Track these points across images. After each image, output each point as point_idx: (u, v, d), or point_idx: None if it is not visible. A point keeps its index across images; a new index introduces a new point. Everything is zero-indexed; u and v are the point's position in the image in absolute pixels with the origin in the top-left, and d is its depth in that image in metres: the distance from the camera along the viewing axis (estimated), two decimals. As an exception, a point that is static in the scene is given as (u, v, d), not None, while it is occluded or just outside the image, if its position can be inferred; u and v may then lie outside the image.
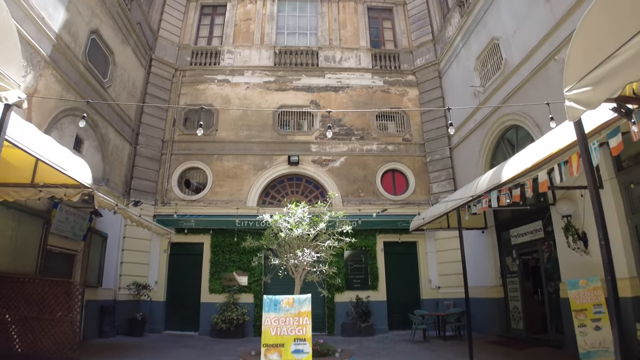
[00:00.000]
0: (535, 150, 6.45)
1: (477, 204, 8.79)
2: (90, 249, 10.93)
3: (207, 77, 15.50)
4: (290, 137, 15.07)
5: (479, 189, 8.45)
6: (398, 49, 16.21)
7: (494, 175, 7.97)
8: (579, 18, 7.39)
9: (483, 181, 8.43)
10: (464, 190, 9.43)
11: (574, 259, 8.32)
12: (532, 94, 9.88)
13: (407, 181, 14.63)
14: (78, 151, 10.74)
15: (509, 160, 7.48)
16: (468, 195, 8.87)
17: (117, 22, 12.23)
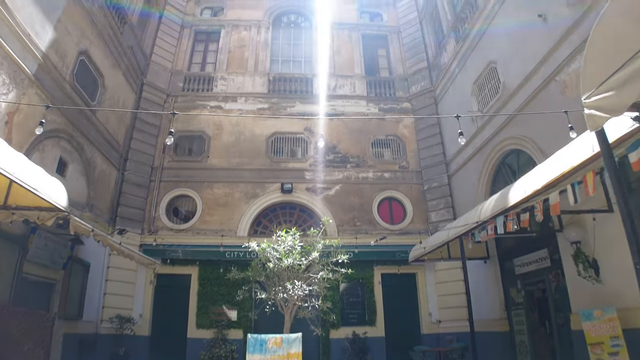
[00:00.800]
0: (544, 170, 6.05)
1: (481, 231, 8.28)
2: (71, 278, 10.28)
3: (199, 103, 15.21)
4: (284, 165, 14.65)
5: (484, 215, 7.97)
6: (393, 76, 16.12)
7: (499, 200, 7.52)
8: (579, 37, 7.10)
9: (487, 206, 7.97)
10: (466, 217, 8.94)
11: (584, 288, 7.73)
12: (533, 117, 9.59)
13: (405, 210, 14.14)
14: (61, 175, 10.23)
15: (516, 183, 7.06)
16: (472, 221, 8.39)
17: (108, 44, 11.98)
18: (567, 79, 8.50)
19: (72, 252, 10.21)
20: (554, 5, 8.71)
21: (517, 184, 6.99)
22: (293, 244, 8.84)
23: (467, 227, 8.55)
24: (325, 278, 8.97)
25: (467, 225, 8.55)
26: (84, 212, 10.82)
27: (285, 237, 9.01)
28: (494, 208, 7.54)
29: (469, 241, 9.04)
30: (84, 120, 10.94)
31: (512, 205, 6.87)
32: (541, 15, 9.00)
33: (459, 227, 8.97)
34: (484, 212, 7.98)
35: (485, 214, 7.88)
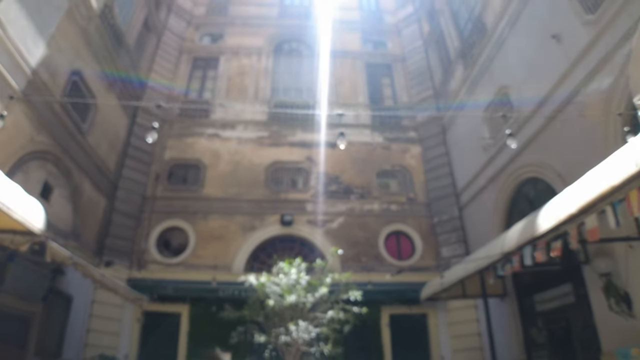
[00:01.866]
0: (577, 192, 5.33)
1: (505, 264, 7.41)
2: (51, 312, 9.42)
3: (196, 131, 14.62)
4: (284, 196, 13.88)
5: (508, 246, 7.13)
6: (398, 105, 15.65)
7: (526, 228, 6.72)
8: (597, 55, 6.49)
9: (512, 236, 7.15)
10: (488, 248, 8.09)
11: (617, 324, 6.91)
12: (551, 141, 8.99)
13: (413, 244, 13.22)
14: (46, 199, 9.46)
15: (543, 208, 6.30)
16: (494, 253, 7.54)
17: (103, 66, 11.50)
18: (587, 99, 7.93)
19: (52, 283, 9.35)
20: (568, 25, 8.29)
21: (545, 209, 6.23)
22: (297, 277, 7.92)
23: (488, 259, 7.70)
24: (335, 319, 7.94)
25: (489, 258, 7.69)
26: (68, 241, 9.96)
27: (288, 268, 8.07)
28: (521, 237, 6.74)
29: (491, 276, 8.16)
30: (73, 143, 10.28)
31: (541, 233, 6.08)
32: (555, 36, 8.57)
33: (480, 260, 8.10)
34: (509, 243, 7.16)
35: (510, 245, 7.06)
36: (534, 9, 9.35)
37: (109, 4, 11.44)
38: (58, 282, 9.63)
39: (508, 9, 10.11)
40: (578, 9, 7.90)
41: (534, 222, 6.41)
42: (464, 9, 12.93)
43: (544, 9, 9.01)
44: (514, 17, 9.96)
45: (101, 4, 11.04)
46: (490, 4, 11.06)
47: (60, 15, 9.32)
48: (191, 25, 17.13)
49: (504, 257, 7.18)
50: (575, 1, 7.96)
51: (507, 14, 10.20)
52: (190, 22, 17.12)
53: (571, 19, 8.11)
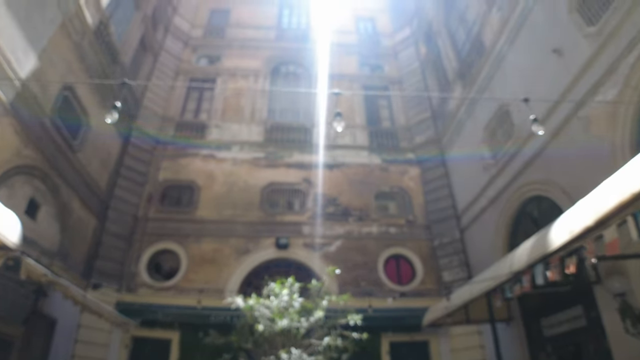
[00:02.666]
0: (592, 204, 5.00)
1: (514, 285, 6.98)
2: (33, 335, 8.83)
3: (190, 151, 14.31)
4: (280, 218, 13.46)
5: (518, 265, 6.73)
6: (395, 127, 15.49)
7: (536, 245, 6.34)
8: (601, 68, 6.26)
9: (521, 254, 6.76)
10: (494, 269, 7.67)
11: (634, 348, 6.46)
12: (555, 158, 8.74)
13: (414, 269, 12.73)
14: (31, 217, 9.04)
15: (555, 223, 5.95)
16: (502, 273, 7.11)
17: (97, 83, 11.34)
18: (592, 113, 7.73)
19: (35, 304, 8.79)
20: (568, 38, 8.19)
21: (557, 224, 5.88)
22: (290, 299, 7.38)
23: (497, 280, 7.26)
24: (332, 346, 7.36)
25: (496, 278, 7.26)
26: (54, 261, 9.47)
27: (279, 289, 7.52)
28: (531, 255, 6.35)
29: (499, 298, 7.70)
30: (62, 159, 9.92)
31: (554, 249, 5.71)
32: (556, 51, 8.47)
33: (486, 282, 7.66)
34: (518, 262, 6.76)
35: (520, 263, 6.65)
36: (533, 25, 9.29)
37: (105, 20, 11.35)
38: (41, 303, 9.05)
39: (507, 26, 10.08)
40: (579, 21, 7.82)
41: (545, 239, 6.05)
42: (461, 30, 12.98)
43: (543, 23, 8.96)
44: (513, 33, 9.91)
45: (96, 20, 10.96)
46: (488, 22, 11.07)
47: (53, 28, 9.17)
48: (188, 46, 17.15)
49: (513, 276, 6.75)
50: (575, 14, 7.89)
51: (505, 31, 10.17)
52: (187, 44, 17.15)
53: (572, 32, 8.02)
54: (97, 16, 11.04)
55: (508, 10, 10.01)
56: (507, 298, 7.36)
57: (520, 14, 9.58)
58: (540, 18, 9.03)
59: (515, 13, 9.71)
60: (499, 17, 10.44)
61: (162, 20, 16.10)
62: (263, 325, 7.27)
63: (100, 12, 11.18)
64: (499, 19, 10.44)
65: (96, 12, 10.95)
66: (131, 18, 13.56)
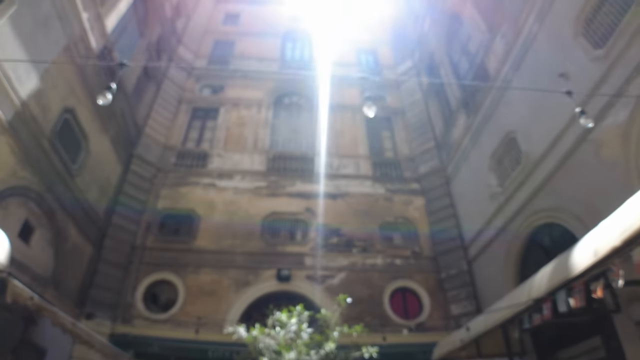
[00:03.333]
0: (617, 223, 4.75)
1: (533, 314, 6.55)
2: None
3: (191, 180, 14.07)
4: (281, 248, 13.04)
5: (537, 292, 6.34)
6: (399, 157, 15.35)
7: (557, 269, 6.00)
8: (610, 89, 6.07)
9: (541, 280, 6.39)
10: (510, 297, 7.26)
11: None
12: (566, 183, 8.51)
13: (421, 302, 12.19)
14: (24, 241, 8.71)
15: (577, 246, 5.66)
16: (520, 301, 6.70)
17: (98, 108, 11.18)
18: (602, 136, 7.58)
19: (24, 333, 8.30)
20: (575, 62, 8.17)
21: (579, 247, 5.59)
22: (298, 329, 6.88)
23: (514, 309, 6.83)
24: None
25: (514, 307, 6.83)
26: (46, 289, 9.03)
27: (287, 318, 7.02)
28: (552, 280, 5.99)
29: (516, 329, 7.23)
30: (60, 183, 9.68)
31: (578, 274, 5.38)
32: (563, 75, 8.43)
33: (502, 312, 7.22)
34: (537, 288, 6.37)
35: (539, 290, 6.27)
36: (538, 50, 9.32)
37: (109, 46, 11.41)
38: (30, 332, 8.53)
39: (511, 53, 10.13)
40: (585, 45, 7.82)
41: (567, 262, 5.72)
42: (464, 59, 13.11)
43: (548, 49, 8.97)
44: (518, 60, 9.94)
45: (101, 45, 11.01)
46: (492, 50, 11.15)
47: (57, 50, 9.17)
48: (192, 76, 17.32)
49: (532, 304, 6.34)
50: (581, 38, 7.91)
51: (510, 58, 10.21)
52: (190, 74, 17.32)
53: (578, 56, 8.01)
54: (102, 41, 11.10)
55: (512, 37, 10.10)
56: (525, 329, 6.92)
57: (524, 40, 9.64)
58: (544, 44, 9.07)
59: (520, 40, 9.78)
60: (503, 44, 10.52)
61: (166, 49, 16.33)
62: (268, 359, 6.75)
63: (105, 38, 11.25)
64: (503, 46, 10.52)
65: (101, 38, 11.02)
66: (135, 45, 13.74)
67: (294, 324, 7.00)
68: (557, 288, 5.80)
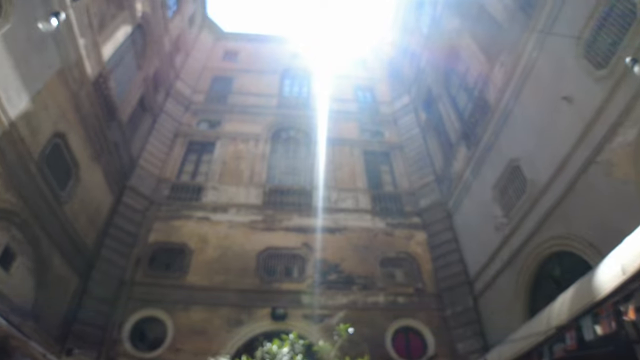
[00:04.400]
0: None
1: (554, 345, 5.96)
2: None
3: (184, 214, 13.59)
4: (277, 285, 12.36)
5: (557, 319, 5.81)
6: (399, 191, 15.03)
7: (579, 293, 5.52)
8: (617, 109, 5.88)
9: (561, 307, 5.87)
10: (526, 328, 6.68)
11: None
12: (576, 209, 8.16)
13: (425, 342, 11.40)
14: (4, 268, 8.15)
15: (603, 263, 5.23)
16: (539, 331, 6.12)
17: (91, 135, 10.93)
18: (613, 156, 7.33)
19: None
20: (578, 84, 8.07)
21: (603, 267, 5.18)
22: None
23: (531, 340, 6.23)
24: None
25: (531, 338, 6.23)
26: (25, 321, 8.33)
27: (278, 347, 6.33)
28: (575, 306, 5.47)
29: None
30: (46, 210, 9.21)
31: (606, 296, 4.91)
32: (566, 98, 8.33)
33: (518, 344, 6.59)
34: (557, 316, 5.83)
35: (560, 318, 5.73)
36: (538, 76, 9.28)
37: (105, 74, 11.32)
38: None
39: (511, 81, 10.11)
40: (587, 67, 7.75)
41: (590, 285, 5.26)
42: (462, 92, 13.15)
43: (549, 74, 8.93)
44: (518, 87, 9.90)
45: (96, 72, 10.91)
46: (491, 80, 11.17)
47: (50, 73, 9.02)
48: (189, 110, 17.28)
49: (553, 334, 5.77)
50: (583, 60, 7.85)
51: (510, 87, 10.18)
52: (188, 108, 17.30)
53: (581, 77, 7.93)
54: (97, 69, 11.01)
55: (511, 65, 10.11)
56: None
57: (524, 67, 9.64)
58: (545, 69, 9.04)
59: (519, 67, 9.79)
60: (503, 73, 10.54)
61: (164, 83, 16.38)
62: (259, 399, 6.03)
63: (101, 66, 11.18)
64: (503, 75, 10.53)
65: (97, 65, 10.95)
66: (133, 77, 13.69)
67: (285, 354, 6.30)
68: (582, 314, 5.30)
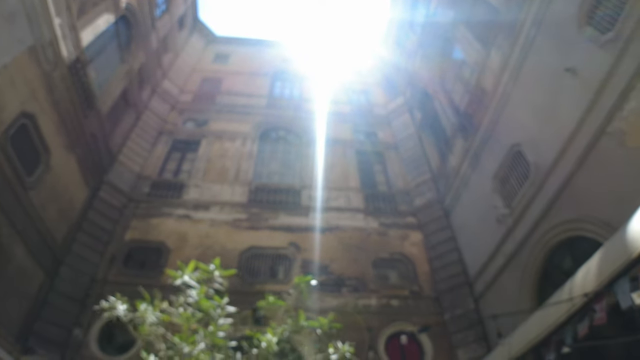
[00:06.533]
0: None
1: (580, 322, 5.12)
2: None
3: (164, 211, 12.68)
4: (260, 287, 11.30)
5: (581, 289, 5.01)
6: (393, 190, 14.28)
7: (608, 256, 4.75)
8: (626, 74, 4.61)
9: (585, 275, 5.07)
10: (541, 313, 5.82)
11: None
12: (587, 187, 7.48)
13: (422, 349, 10.38)
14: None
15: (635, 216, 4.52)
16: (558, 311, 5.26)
17: (66, 122, 10.21)
18: (624, 125, 6.73)
19: None
20: (583, 53, 7.52)
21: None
22: (201, 298, 4.06)
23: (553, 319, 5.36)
24: None
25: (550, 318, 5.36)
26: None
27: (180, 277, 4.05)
28: (606, 268, 4.68)
29: (552, 350, 5.71)
30: (9, 193, 8.38)
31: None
32: (569, 69, 7.80)
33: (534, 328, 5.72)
34: (586, 283, 5.02)
35: (591, 283, 4.90)
36: (538, 53, 8.76)
37: (83, 59, 10.76)
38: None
39: (509, 63, 9.60)
40: (591, 33, 7.25)
41: (623, 242, 4.49)
42: (459, 84, 12.63)
43: (549, 49, 8.42)
44: (517, 68, 9.37)
45: (73, 56, 10.34)
46: (488, 66, 10.66)
47: (20, 48, 8.42)
48: (175, 109, 16.67)
49: (582, 305, 4.94)
50: (586, 27, 7.35)
51: (508, 69, 9.66)
52: (174, 107, 16.68)
53: (585, 45, 7.41)
54: (75, 53, 10.44)
55: (509, 47, 9.63)
56: (568, 345, 5.40)
57: (522, 46, 9.15)
58: (545, 44, 8.54)
59: (517, 47, 9.29)
60: (499, 56, 10.06)
61: (150, 81, 15.82)
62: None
63: (79, 50, 10.64)
64: (500, 58, 10.04)
65: (74, 49, 10.39)
66: (115, 69, 13.13)
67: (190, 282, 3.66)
68: (616, 276, 4.51)
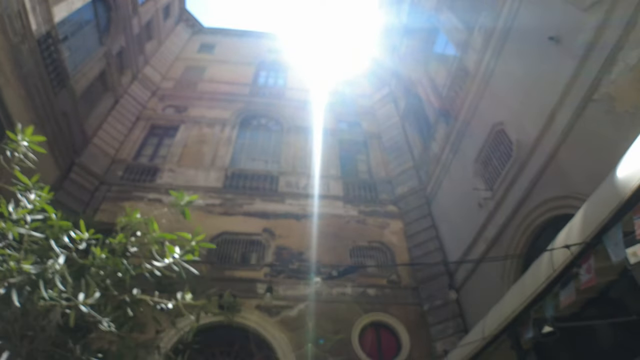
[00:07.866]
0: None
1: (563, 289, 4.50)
2: None
3: (135, 195, 12.15)
4: (229, 273, 10.77)
5: (562, 243, 4.45)
6: (374, 179, 13.78)
7: (601, 197, 4.17)
8: (614, 36, 3.79)
9: (570, 229, 4.50)
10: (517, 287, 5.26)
11: None
12: (572, 162, 6.99)
13: (399, 340, 9.78)
14: None
15: (619, 166, 4.00)
16: (537, 276, 4.67)
17: (34, 98, 9.75)
18: (613, 89, 6.26)
19: None
20: (566, 20, 7.08)
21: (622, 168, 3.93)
22: None
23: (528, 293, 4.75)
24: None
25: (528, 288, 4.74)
26: None
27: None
28: (593, 217, 4.09)
29: (527, 329, 5.11)
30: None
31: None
32: (553, 38, 7.38)
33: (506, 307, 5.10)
34: (565, 239, 4.44)
35: (574, 235, 4.30)
36: (521, 27, 8.31)
37: (55, 35, 10.39)
38: None
39: (491, 40, 9.16)
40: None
41: (612, 188, 3.92)
42: (442, 69, 12.19)
43: (533, 21, 7.97)
44: (500, 44, 8.92)
45: (43, 30, 9.97)
46: (470, 45, 10.23)
47: (-17, 14, 7.97)
48: (156, 95, 16.27)
49: (565, 267, 4.34)
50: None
51: (490, 46, 9.22)
52: (155, 93, 16.27)
53: (569, 11, 6.97)
54: (45, 27, 10.07)
55: (491, 23, 9.20)
56: (547, 320, 4.77)
57: (505, 20, 8.69)
58: (528, 17, 8.11)
59: (500, 21, 8.84)
60: (482, 33, 9.63)
61: (131, 66, 15.43)
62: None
63: (50, 25, 10.27)
64: (483, 35, 9.60)
65: (44, 23, 10.02)
66: (93, 51, 12.77)
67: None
68: (607, 224, 3.90)
